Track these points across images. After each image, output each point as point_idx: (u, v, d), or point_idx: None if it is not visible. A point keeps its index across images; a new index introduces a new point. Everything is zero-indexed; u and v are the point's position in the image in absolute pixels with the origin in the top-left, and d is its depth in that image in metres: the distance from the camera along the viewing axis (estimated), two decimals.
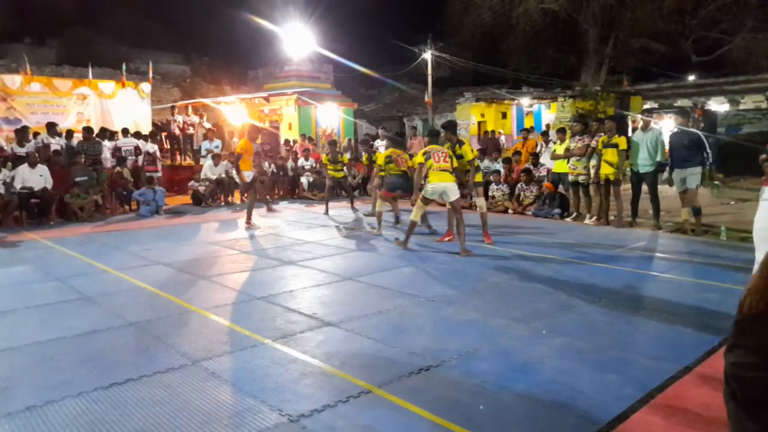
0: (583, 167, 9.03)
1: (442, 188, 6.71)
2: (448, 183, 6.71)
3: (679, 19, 19.89)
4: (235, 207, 12.08)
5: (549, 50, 22.29)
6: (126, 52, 26.61)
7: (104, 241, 8.04)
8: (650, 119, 8.62)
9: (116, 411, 2.86)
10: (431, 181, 6.75)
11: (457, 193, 6.77)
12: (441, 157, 6.80)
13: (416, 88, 26.74)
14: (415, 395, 2.99)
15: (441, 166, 6.74)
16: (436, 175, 6.73)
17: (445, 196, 6.76)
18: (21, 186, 9.57)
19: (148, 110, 15.50)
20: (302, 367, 3.40)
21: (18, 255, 7.03)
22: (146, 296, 5.10)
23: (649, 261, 6.40)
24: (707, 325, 4.07)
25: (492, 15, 21.24)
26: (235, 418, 2.77)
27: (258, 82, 23.45)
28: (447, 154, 6.88)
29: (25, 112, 13.04)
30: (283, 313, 4.52)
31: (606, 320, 4.27)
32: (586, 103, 18.03)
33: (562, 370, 3.32)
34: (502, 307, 4.63)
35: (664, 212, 8.67)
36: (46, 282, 5.63)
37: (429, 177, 6.81)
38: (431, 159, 6.78)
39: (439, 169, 6.73)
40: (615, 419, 2.74)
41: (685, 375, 3.24)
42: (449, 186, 6.71)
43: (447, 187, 6.70)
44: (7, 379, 3.26)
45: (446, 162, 6.79)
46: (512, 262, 6.38)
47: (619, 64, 21.61)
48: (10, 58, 21.89)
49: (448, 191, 6.71)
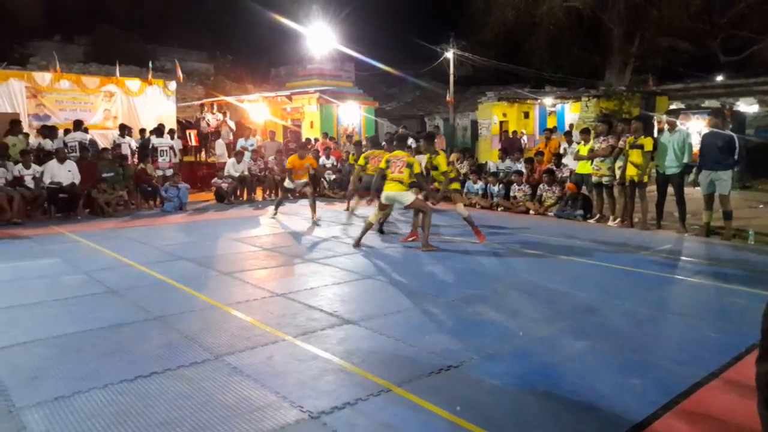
0: (607, 168, 8.91)
1: (392, 196, 7.04)
2: (397, 192, 6.97)
3: (707, 17, 19.47)
4: (257, 204, 12.19)
5: (573, 49, 22.02)
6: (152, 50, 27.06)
7: (129, 236, 8.19)
8: (674, 120, 8.46)
9: (141, 403, 2.92)
10: (385, 189, 7.07)
11: (409, 198, 6.98)
12: (397, 166, 7.01)
13: (438, 87, 26.66)
14: (435, 394, 2.99)
15: (395, 177, 6.97)
16: (388, 184, 7.03)
17: (398, 203, 7.17)
18: (50, 181, 9.80)
19: (173, 108, 15.73)
20: (323, 364, 3.42)
21: (46, 248, 7.19)
22: (170, 291, 5.18)
23: (674, 264, 6.29)
24: (733, 330, 3.99)
25: (515, 13, 21.05)
26: (256, 413, 2.81)
27: (280, 80, 23.63)
28: (404, 164, 7.00)
29: (54, 109, 13.33)
30: (304, 310, 4.55)
31: (629, 323, 4.21)
32: (610, 103, 17.78)
33: (583, 373, 3.29)
34: (522, 308, 4.60)
35: (690, 215, 8.51)
36: (73, 275, 5.75)
37: (385, 185, 7.10)
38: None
39: (391, 179, 6.99)
40: (638, 425, 2.70)
41: (710, 381, 3.18)
42: (398, 195, 6.99)
43: (396, 196, 7.02)
44: (36, 370, 3.35)
45: (401, 173, 6.97)
46: (533, 263, 6.33)
47: (645, 63, 21.24)
48: (40, 55, 22.42)
49: (398, 199, 7.03)
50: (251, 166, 13.04)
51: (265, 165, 13.46)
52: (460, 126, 24.86)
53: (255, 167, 13.17)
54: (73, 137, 11.75)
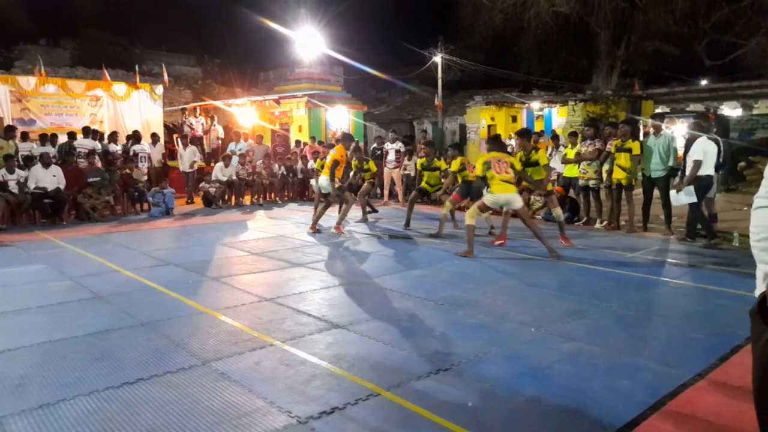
0: (594, 172, 8.98)
1: (509, 199, 6.78)
2: (511, 194, 6.77)
3: (692, 22, 19.70)
4: (246, 208, 12.14)
5: (560, 53, 22.18)
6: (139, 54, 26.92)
7: (116, 241, 8.11)
8: (659, 123, 8.55)
9: (127, 410, 2.88)
10: (497, 191, 6.79)
11: (520, 201, 6.84)
12: (503, 167, 6.81)
13: (427, 91, 26.76)
14: (425, 398, 2.99)
15: (504, 178, 6.77)
16: (501, 186, 6.76)
17: (510, 206, 6.94)
18: (34, 186, 9.69)
19: (160, 112, 15.63)
20: (311, 369, 3.41)
21: (31, 254, 7.11)
22: (157, 296, 5.13)
23: (660, 267, 6.35)
24: (719, 332, 4.03)
25: (503, 18, 21.17)
26: (244, 419, 2.78)
27: (269, 84, 23.61)
28: (509, 164, 6.86)
29: (40, 114, 13.19)
30: (293, 315, 4.53)
31: (617, 326, 4.24)
32: (597, 107, 17.93)
33: (572, 375, 3.31)
34: (511, 310, 4.62)
35: (676, 218, 8.60)
36: (59, 281, 5.68)
37: (493, 186, 6.84)
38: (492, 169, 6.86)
39: (502, 180, 6.76)
40: (626, 425, 2.72)
41: (697, 382, 3.21)
42: (512, 197, 6.76)
43: (511, 199, 6.77)
44: (20, 377, 3.30)
45: (507, 173, 6.81)
46: (522, 266, 6.35)
47: (631, 67, 21.45)
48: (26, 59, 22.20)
49: (512, 201, 6.79)
50: (239, 171, 12.99)
51: (254, 169, 13.41)
52: (448, 130, 24.94)
53: (243, 171, 13.12)
54: (82, 144, 11.90)
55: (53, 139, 11.56)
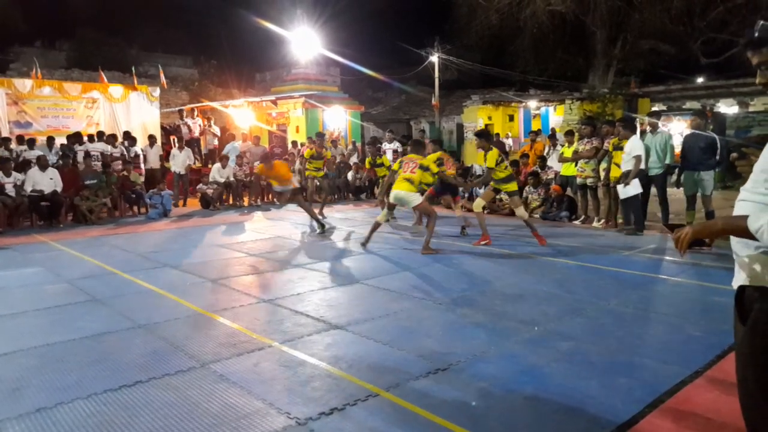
0: (591, 170, 8.99)
1: (400, 196, 7.10)
2: (405, 192, 7.04)
3: (687, 20, 19.73)
4: (243, 210, 12.12)
5: (557, 52, 22.21)
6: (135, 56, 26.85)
7: (113, 243, 8.09)
8: (656, 121, 8.57)
9: (125, 413, 2.87)
10: (394, 188, 7.19)
11: (416, 200, 7.10)
12: (409, 167, 7.14)
13: (423, 91, 26.76)
14: (423, 399, 2.99)
15: (406, 176, 7.09)
16: (398, 183, 7.13)
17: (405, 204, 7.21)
18: (31, 189, 9.67)
19: (157, 114, 15.60)
20: (310, 370, 3.40)
21: (28, 257, 7.09)
22: (155, 299, 5.12)
23: (658, 264, 6.36)
24: (716, 329, 4.03)
25: (499, 17, 21.19)
26: (243, 421, 2.78)
27: (266, 85, 23.58)
28: (416, 165, 7.14)
29: (36, 116, 13.16)
30: (291, 316, 4.52)
31: (615, 324, 4.25)
32: (593, 106, 17.97)
33: (570, 374, 3.31)
34: (509, 310, 4.62)
35: (673, 215, 8.61)
36: (55, 284, 5.67)
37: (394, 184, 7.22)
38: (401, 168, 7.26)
39: (402, 178, 7.11)
40: (624, 423, 2.72)
41: (695, 379, 3.22)
42: (406, 195, 7.04)
43: (404, 196, 7.06)
44: (17, 381, 3.29)
45: (413, 173, 7.08)
46: (520, 265, 6.36)
47: (628, 66, 21.50)
48: (21, 61, 22.13)
49: (406, 199, 7.08)
50: (236, 172, 12.97)
51: (251, 170, 13.40)
52: (445, 129, 24.96)
53: (241, 173, 13.11)
54: (95, 147, 11.99)
55: (50, 142, 11.56)
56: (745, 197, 1.78)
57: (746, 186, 1.80)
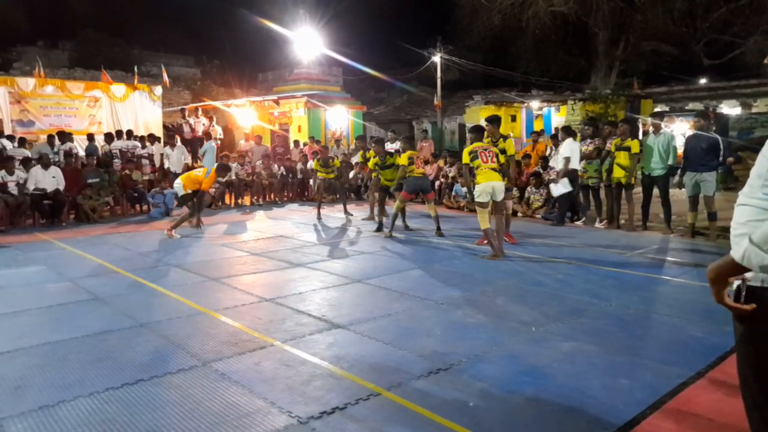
0: (593, 170, 8.99)
1: (497, 187, 6.59)
2: (499, 183, 6.60)
3: (690, 21, 19.72)
4: (245, 209, 12.13)
5: (559, 53, 22.21)
6: (138, 55, 26.89)
7: (115, 242, 8.11)
8: (659, 122, 8.56)
9: (127, 411, 2.88)
10: (484, 180, 6.59)
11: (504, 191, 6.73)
12: (488, 156, 6.66)
13: (425, 91, 26.75)
14: (424, 398, 2.99)
15: (491, 166, 6.62)
16: (487, 174, 6.59)
17: (498, 196, 6.66)
18: (34, 187, 9.68)
19: (159, 113, 15.62)
20: (312, 369, 3.41)
21: (30, 256, 7.10)
22: (157, 297, 5.13)
23: (660, 265, 6.35)
24: (718, 330, 4.03)
25: (501, 18, 21.18)
26: (245, 420, 2.78)
27: (268, 84, 23.60)
28: (494, 153, 6.72)
29: (39, 115, 13.19)
30: (293, 315, 4.53)
31: (616, 324, 4.24)
32: (596, 106, 17.94)
33: (572, 374, 3.31)
34: (511, 310, 4.62)
35: (676, 216, 8.60)
36: (58, 282, 5.68)
37: (477, 177, 6.67)
38: (478, 159, 6.67)
39: (488, 168, 6.61)
40: (626, 424, 2.72)
41: (696, 380, 3.21)
42: (500, 185, 6.61)
43: (499, 187, 6.60)
44: (20, 379, 3.30)
45: (494, 162, 6.65)
46: (521, 266, 6.35)
47: (630, 67, 21.47)
48: (24, 60, 22.17)
49: (500, 190, 6.62)
50: (239, 171, 12.98)
51: (253, 170, 13.40)
52: (447, 130, 24.95)
53: (243, 172, 13.11)
54: (116, 145, 12.50)
55: (51, 140, 11.57)
56: (743, 201, 1.79)
57: (744, 191, 1.81)
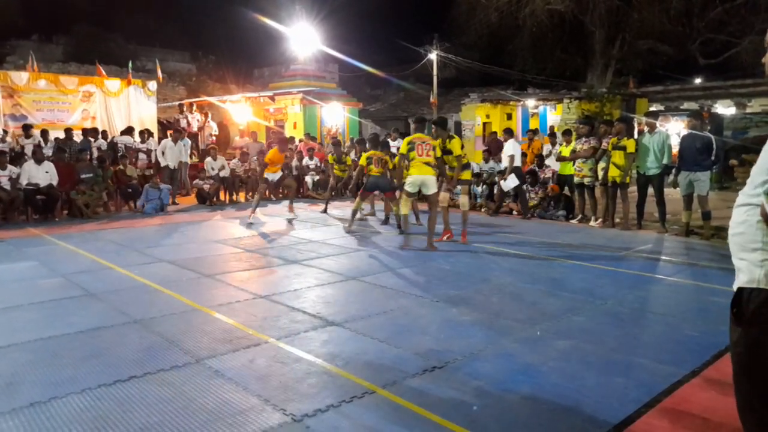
0: (588, 169, 9.00)
1: (425, 181, 6.72)
2: (428, 176, 6.72)
3: (686, 21, 19.77)
4: (240, 205, 12.09)
5: (555, 51, 22.23)
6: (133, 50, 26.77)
7: (109, 238, 8.06)
8: (654, 121, 8.58)
9: (120, 408, 2.86)
10: (414, 173, 6.73)
11: (435, 186, 6.81)
12: (424, 149, 6.72)
13: (422, 89, 26.76)
14: (419, 396, 2.98)
15: (424, 159, 6.73)
16: (418, 167, 6.71)
17: (426, 189, 6.80)
18: (27, 182, 9.61)
19: (154, 108, 15.53)
20: (306, 367, 3.39)
21: (23, 251, 7.05)
22: (150, 294, 5.10)
23: (654, 264, 6.37)
24: (713, 329, 4.04)
25: (498, 16, 21.19)
26: (238, 417, 2.77)
27: (263, 81, 23.53)
28: (431, 146, 6.78)
29: (31, 109, 13.09)
30: (287, 312, 4.51)
31: (611, 323, 4.25)
32: (591, 105, 17.98)
33: (567, 373, 3.30)
34: (506, 308, 4.61)
35: (670, 215, 8.63)
36: (50, 278, 5.64)
37: (410, 168, 6.79)
38: (414, 150, 6.74)
39: (421, 162, 6.73)
40: (620, 423, 2.72)
41: (691, 379, 3.22)
42: (429, 179, 6.72)
43: (427, 180, 6.72)
44: (11, 375, 3.27)
45: (428, 156, 6.73)
46: (517, 264, 6.36)
47: (626, 65, 21.53)
48: (18, 54, 22.03)
49: (429, 184, 6.74)
50: (236, 167, 12.94)
51: (249, 166, 13.36)
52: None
53: (240, 168, 13.07)
54: (121, 140, 12.67)
55: (44, 135, 11.52)
56: (743, 201, 1.78)
57: (745, 190, 1.80)
